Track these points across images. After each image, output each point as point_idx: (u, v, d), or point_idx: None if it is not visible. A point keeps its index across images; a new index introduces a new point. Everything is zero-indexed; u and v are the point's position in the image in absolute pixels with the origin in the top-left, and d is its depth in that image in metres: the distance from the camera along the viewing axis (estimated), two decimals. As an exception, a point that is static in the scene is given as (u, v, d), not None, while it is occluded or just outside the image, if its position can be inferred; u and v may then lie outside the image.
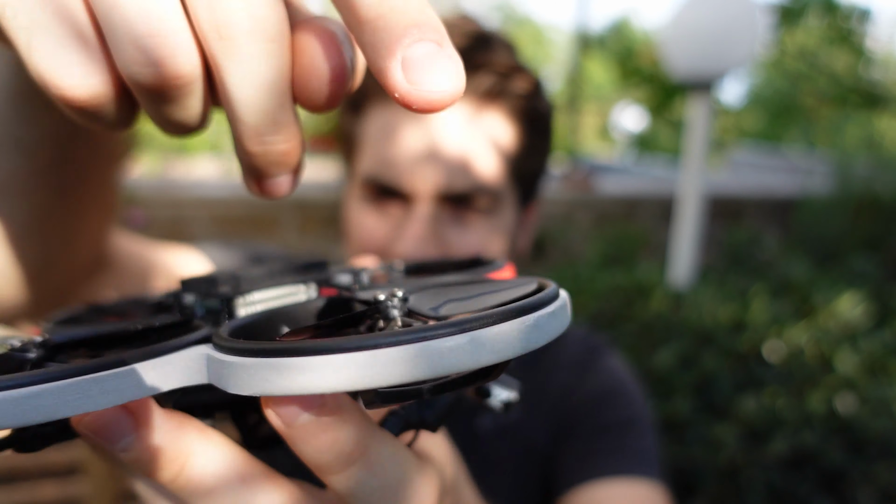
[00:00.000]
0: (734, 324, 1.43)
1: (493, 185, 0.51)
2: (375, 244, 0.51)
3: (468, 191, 0.49)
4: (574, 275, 1.75)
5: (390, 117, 0.50)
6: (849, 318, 1.44)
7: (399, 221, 0.51)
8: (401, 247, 0.49)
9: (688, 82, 1.64)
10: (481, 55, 0.48)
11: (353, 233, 0.54)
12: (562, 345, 0.65)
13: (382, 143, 0.50)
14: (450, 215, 0.51)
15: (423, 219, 0.49)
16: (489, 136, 0.50)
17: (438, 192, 0.49)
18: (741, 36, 1.53)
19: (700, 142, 1.68)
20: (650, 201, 2.94)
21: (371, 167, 0.51)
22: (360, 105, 0.53)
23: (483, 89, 0.48)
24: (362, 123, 0.52)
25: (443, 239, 0.50)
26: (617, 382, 0.61)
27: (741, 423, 1.24)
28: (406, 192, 0.50)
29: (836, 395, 1.28)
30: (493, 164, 0.51)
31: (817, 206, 2.85)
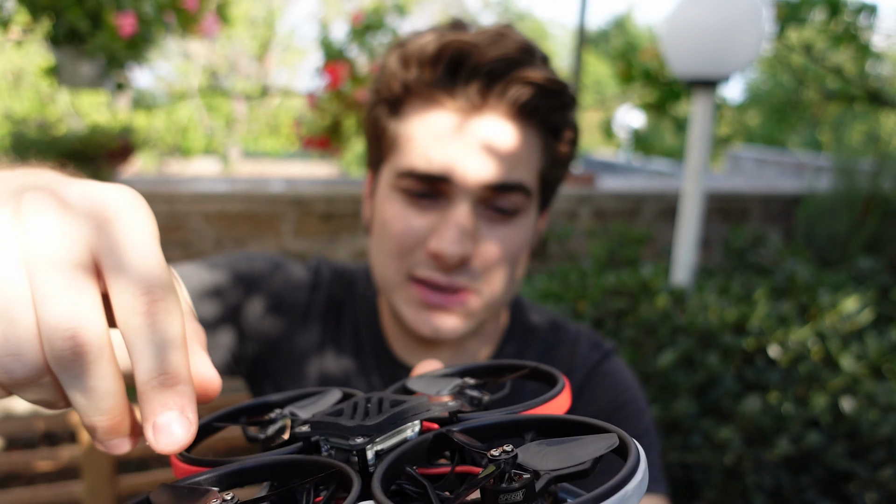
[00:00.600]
0: (738, 324, 1.42)
1: (530, 185, 0.55)
2: (412, 239, 0.54)
3: (510, 184, 0.53)
4: (579, 275, 1.73)
5: (435, 116, 0.53)
6: (854, 318, 1.42)
7: (437, 217, 0.54)
8: (439, 244, 0.52)
9: (691, 80, 1.62)
10: (525, 69, 0.51)
11: (390, 226, 0.55)
12: (576, 346, 0.67)
13: (429, 141, 0.53)
14: (486, 215, 0.54)
15: (465, 213, 0.52)
16: (527, 144, 0.54)
17: (483, 182, 0.52)
18: (746, 32, 1.51)
19: (703, 140, 1.66)
20: (653, 200, 2.93)
21: (414, 160, 0.53)
22: (399, 103, 0.55)
23: (522, 102, 0.52)
24: (401, 120, 0.55)
25: (476, 238, 0.54)
26: (628, 394, 0.64)
27: (745, 425, 1.23)
28: (451, 183, 0.52)
29: (841, 396, 1.26)
30: (529, 167, 0.55)
31: (822, 206, 2.83)
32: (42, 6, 1.82)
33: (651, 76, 3.19)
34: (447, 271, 0.54)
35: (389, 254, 0.56)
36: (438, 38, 0.52)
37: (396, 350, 0.65)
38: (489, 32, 0.52)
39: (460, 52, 0.51)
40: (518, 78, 0.51)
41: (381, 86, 0.56)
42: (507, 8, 21.47)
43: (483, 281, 0.56)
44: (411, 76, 0.53)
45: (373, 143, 0.59)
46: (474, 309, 0.56)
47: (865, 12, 2.88)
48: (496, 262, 0.55)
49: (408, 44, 0.54)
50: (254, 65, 8.31)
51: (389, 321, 0.65)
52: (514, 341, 0.68)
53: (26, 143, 1.95)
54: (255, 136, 7.67)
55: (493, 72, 0.51)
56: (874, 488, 1.21)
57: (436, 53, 0.52)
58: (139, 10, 1.94)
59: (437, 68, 0.52)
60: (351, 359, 0.67)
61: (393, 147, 0.56)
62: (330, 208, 2.45)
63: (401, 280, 0.56)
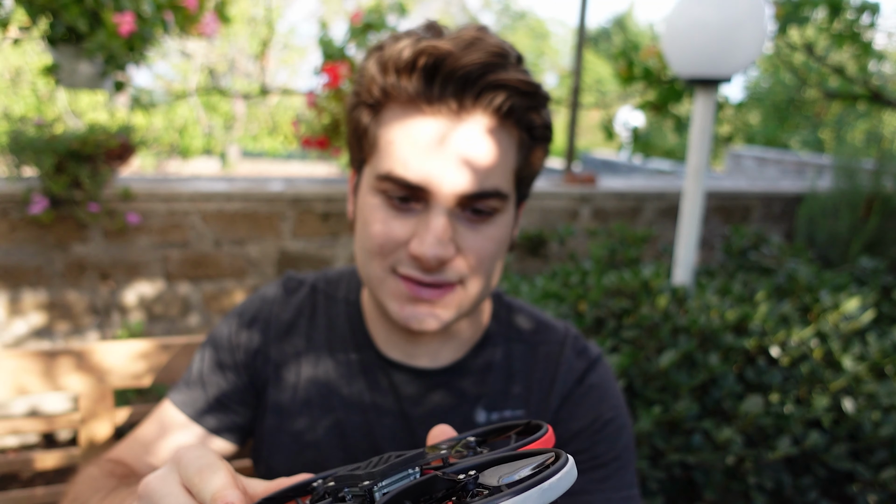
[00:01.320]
0: (739, 325, 1.41)
1: (505, 189, 0.57)
2: (393, 241, 0.56)
3: (485, 192, 0.55)
4: (579, 275, 1.73)
5: (414, 123, 0.54)
6: (855, 318, 1.41)
7: (416, 222, 0.56)
8: (420, 248, 0.55)
9: (691, 79, 1.61)
10: (499, 73, 0.53)
11: (371, 227, 0.57)
12: (561, 352, 0.69)
13: (407, 145, 0.54)
14: (464, 217, 0.57)
15: (442, 221, 0.54)
16: (503, 145, 0.56)
17: (459, 194, 0.54)
18: (747, 31, 1.50)
19: (703, 140, 1.65)
20: (654, 200, 2.92)
21: (394, 166, 0.55)
22: (379, 106, 0.56)
23: (497, 106, 0.54)
24: (381, 124, 0.56)
25: (457, 240, 0.56)
26: (611, 412, 0.67)
27: (746, 425, 1.22)
28: (429, 192, 0.54)
29: (843, 396, 1.26)
30: (505, 170, 0.57)
31: (823, 205, 2.82)
32: (39, 5, 1.81)
33: (652, 75, 3.18)
34: (429, 272, 0.57)
35: (371, 252, 0.58)
36: (413, 45, 0.53)
37: (381, 347, 0.67)
38: (463, 38, 0.53)
39: (435, 59, 0.52)
40: (492, 82, 0.53)
41: (360, 88, 0.58)
42: (507, 6, 21.45)
43: (466, 275, 0.58)
44: (389, 82, 0.55)
45: (354, 143, 0.61)
46: (458, 302, 0.59)
47: (867, 11, 2.86)
48: (477, 260, 0.58)
49: (385, 49, 0.56)
50: (253, 64, 8.30)
51: (374, 319, 0.68)
52: (497, 339, 0.70)
53: (24, 142, 1.94)
54: (254, 136, 7.66)
55: (467, 77, 0.53)
56: (876, 489, 1.20)
57: (411, 60, 0.53)
58: (138, 9, 1.93)
59: (413, 75, 0.54)
60: (331, 361, 0.68)
61: (374, 149, 0.57)
62: (329, 207, 2.44)
63: (385, 275, 0.59)
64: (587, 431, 0.65)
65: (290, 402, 0.68)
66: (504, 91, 0.54)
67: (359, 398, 0.67)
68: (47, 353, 0.88)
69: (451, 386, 0.67)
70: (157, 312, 2.33)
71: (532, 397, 0.67)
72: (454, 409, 0.66)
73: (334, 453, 0.66)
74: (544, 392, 0.67)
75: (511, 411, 0.67)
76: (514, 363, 0.69)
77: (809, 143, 7.55)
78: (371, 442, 0.66)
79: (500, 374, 0.68)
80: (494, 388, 0.67)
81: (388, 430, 0.66)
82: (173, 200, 2.24)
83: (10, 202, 2.05)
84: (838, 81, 3.61)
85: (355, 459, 0.66)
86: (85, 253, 2.18)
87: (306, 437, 0.67)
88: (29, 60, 5.05)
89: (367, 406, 0.66)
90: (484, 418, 0.66)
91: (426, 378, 0.66)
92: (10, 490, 2.02)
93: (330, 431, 0.66)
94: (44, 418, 0.93)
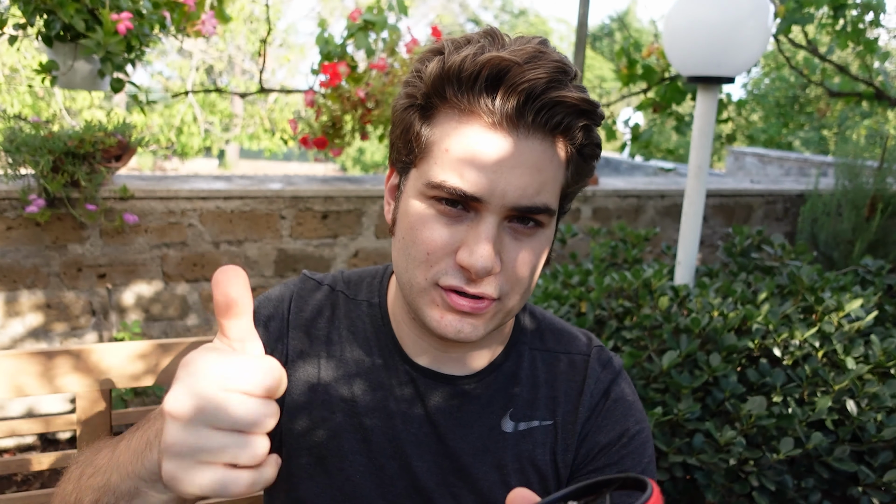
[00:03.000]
0: (741, 325, 1.40)
1: (553, 205, 0.57)
2: (441, 249, 0.56)
3: (537, 207, 0.56)
4: (581, 275, 1.72)
5: (471, 133, 0.54)
6: (859, 319, 1.40)
7: (465, 230, 0.56)
8: (469, 258, 0.55)
9: (693, 78, 1.60)
10: (561, 91, 0.53)
11: (418, 234, 0.58)
12: (587, 364, 0.70)
13: (464, 156, 0.54)
14: (510, 229, 0.57)
15: (493, 234, 0.55)
16: (555, 161, 0.57)
17: (511, 207, 0.55)
18: (749, 29, 1.49)
19: (705, 139, 1.64)
20: (656, 199, 2.91)
21: (448, 175, 0.55)
22: (431, 109, 0.56)
23: (556, 122, 0.54)
24: (436, 130, 0.56)
25: (502, 253, 0.56)
26: (637, 426, 0.67)
27: (749, 426, 1.21)
28: (481, 203, 0.55)
29: (846, 397, 1.25)
30: (555, 186, 0.57)
31: (826, 205, 2.81)
32: (36, 3, 1.80)
33: (653, 74, 3.17)
34: (474, 283, 0.57)
35: (417, 261, 0.58)
36: (479, 53, 0.53)
37: (409, 352, 0.67)
38: (527, 50, 0.53)
39: (500, 70, 0.52)
40: (554, 99, 0.53)
41: (415, 91, 0.57)
42: (507, 3, 21.41)
43: (506, 290, 0.58)
44: (450, 88, 0.55)
45: (403, 146, 0.60)
46: (497, 315, 0.59)
47: (871, 10, 2.85)
48: (520, 274, 0.58)
49: (446, 54, 0.55)
50: (251, 62, 8.28)
51: (402, 323, 0.67)
52: (520, 348, 0.70)
53: (20, 141, 1.93)
54: (253, 135, 7.64)
55: (530, 93, 0.52)
56: (880, 491, 1.19)
57: (477, 68, 0.53)
58: (135, 7, 1.92)
59: (476, 83, 0.53)
60: (353, 364, 0.68)
61: (425, 154, 0.57)
62: (328, 207, 2.43)
63: (427, 285, 0.58)
64: (615, 445, 0.66)
65: (307, 398, 0.67)
66: (564, 108, 0.54)
67: (383, 402, 0.66)
68: (45, 353, 0.87)
69: (478, 393, 0.67)
70: (155, 313, 2.32)
71: (559, 409, 0.68)
72: (481, 417, 0.66)
73: (356, 458, 0.66)
74: (572, 403, 0.68)
75: (539, 422, 0.67)
76: (539, 372, 0.69)
77: (812, 141, 7.54)
78: (396, 447, 0.66)
79: (525, 382, 0.68)
80: (521, 397, 0.68)
81: (413, 437, 0.66)
82: (171, 199, 2.23)
83: (7, 201, 2.03)
84: (841, 79, 3.60)
85: (378, 463, 0.66)
86: (82, 253, 2.17)
87: (326, 439, 0.66)
88: (25, 59, 5.03)
89: (392, 411, 0.66)
90: (511, 428, 0.67)
91: (453, 385, 0.66)
92: (7, 492, 2.01)
93: (352, 434, 0.66)
94: (41, 419, 0.92)
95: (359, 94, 2.32)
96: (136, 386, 0.92)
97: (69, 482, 0.55)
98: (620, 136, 3.71)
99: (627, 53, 3.17)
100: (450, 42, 0.57)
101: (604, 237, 2.07)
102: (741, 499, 1.23)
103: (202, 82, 8.44)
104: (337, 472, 0.66)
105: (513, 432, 0.66)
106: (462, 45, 0.55)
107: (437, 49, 0.57)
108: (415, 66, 0.59)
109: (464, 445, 0.65)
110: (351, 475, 0.66)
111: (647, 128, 3.63)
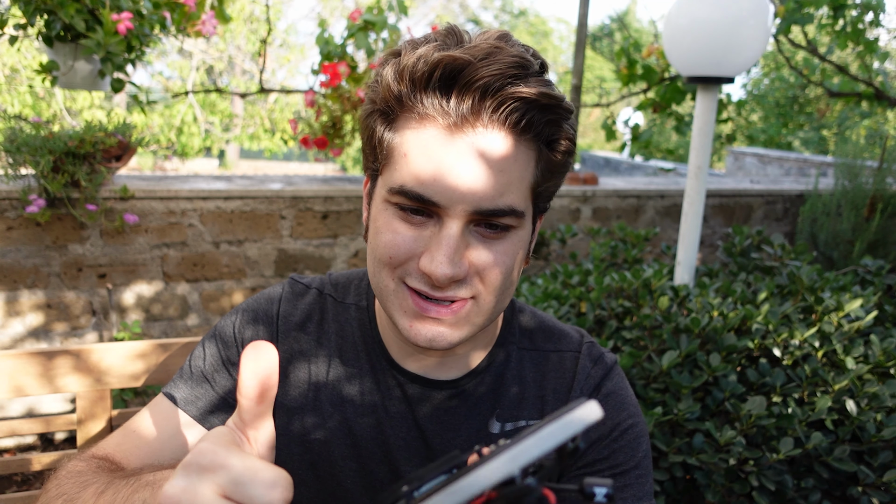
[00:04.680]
0: (741, 325, 1.40)
1: (521, 206, 0.55)
2: (403, 253, 0.55)
3: (500, 210, 0.53)
4: (580, 275, 1.72)
5: (428, 136, 0.53)
6: (859, 319, 1.40)
7: (428, 235, 0.54)
8: (430, 265, 0.53)
9: (692, 78, 1.60)
10: (518, 86, 0.50)
11: (382, 238, 0.56)
12: (577, 360, 0.69)
13: (421, 160, 0.53)
14: (477, 232, 0.55)
15: (454, 239, 0.53)
16: (520, 161, 0.53)
17: (472, 211, 0.53)
18: (750, 28, 1.49)
19: (705, 139, 1.64)
20: (656, 199, 2.91)
21: (407, 180, 0.53)
22: (394, 115, 0.55)
23: (515, 119, 0.51)
24: (396, 134, 0.55)
25: (470, 256, 0.54)
26: (630, 420, 0.66)
27: (749, 426, 1.21)
28: (442, 208, 0.53)
29: (846, 397, 1.25)
30: (522, 187, 0.54)
31: (826, 205, 2.81)
32: (37, 3, 1.80)
33: (653, 74, 3.17)
34: (440, 288, 0.55)
35: (382, 263, 0.57)
36: (431, 53, 0.51)
37: (394, 356, 0.67)
38: (483, 47, 0.51)
39: (453, 69, 0.50)
40: (510, 95, 0.51)
41: (375, 95, 0.56)
42: (507, 3, 21.41)
43: (477, 291, 0.56)
44: (405, 92, 0.53)
45: (370, 152, 0.59)
46: (469, 317, 0.57)
47: (871, 10, 2.85)
48: (491, 276, 0.56)
49: (402, 56, 0.54)
50: (251, 62, 8.28)
51: (387, 327, 0.67)
52: (508, 347, 0.69)
53: (20, 141, 1.93)
54: (253, 135, 7.64)
55: (485, 89, 0.50)
56: (880, 491, 1.19)
57: (429, 69, 0.51)
58: (136, 7, 1.92)
59: (429, 84, 0.52)
60: (342, 366, 0.68)
61: (388, 160, 0.56)
62: (328, 207, 2.43)
63: (394, 285, 0.57)
64: (606, 440, 0.65)
65: (298, 403, 0.67)
66: (522, 105, 0.51)
67: (371, 405, 0.66)
68: (45, 353, 0.87)
69: (465, 396, 0.66)
70: (155, 313, 2.32)
71: (547, 407, 0.67)
72: (468, 420, 0.66)
73: (347, 464, 0.66)
74: (560, 401, 0.67)
75: (526, 421, 0.67)
76: (526, 372, 0.68)
77: (812, 141, 7.54)
78: (385, 450, 0.66)
79: (512, 383, 0.67)
80: (507, 398, 0.67)
81: (402, 441, 0.66)
82: (171, 200, 2.23)
83: (7, 201, 2.03)
84: (841, 80, 3.59)
85: (368, 468, 0.66)
86: (82, 253, 2.17)
87: (315, 440, 0.66)
88: (25, 59, 5.03)
89: (380, 414, 0.66)
90: (498, 429, 0.66)
91: (440, 389, 0.66)
92: (7, 492, 2.01)
93: (342, 440, 0.66)
94: (41, 419, 0.92)
95: (359, 95, 2.32)
96: (136, 386, 0.92)
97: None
98: (620, 136, 3.70)
99: (627, 53, 3.17)
100: (408, 43, 0.55)
101: (604, 237, 2.07)
102: (741, 499, 1.23)
103: (202, 82, 8.44)
104: (328, 478, 0.66)
105: (499, 433, 0.66)
106: (419, 44, 0.53)
107: (396, 51, 0.55)
108: (375, 70, 0.58)
109: (451, 448, 0.65)
110: (342, 481, 0.66)
111: (647, 128, 3.63)
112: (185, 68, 8.61)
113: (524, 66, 0.51)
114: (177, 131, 7.38)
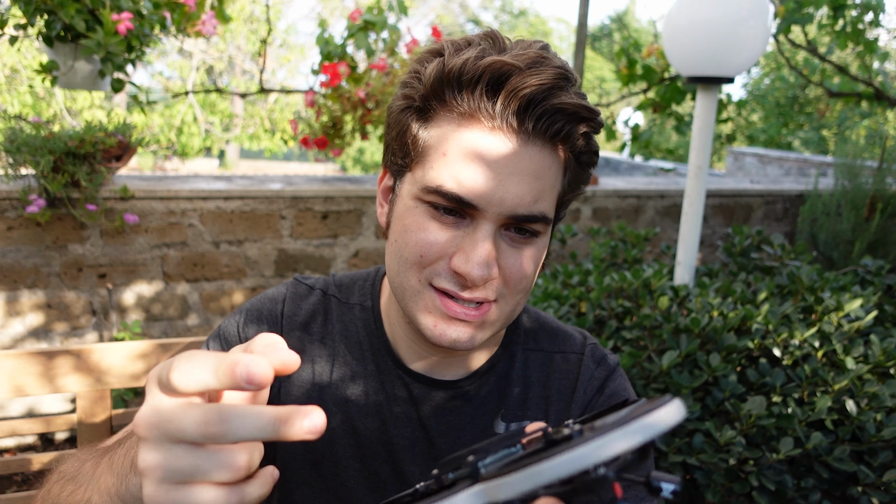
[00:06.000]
0: (741, 325, 1.40)
1: (550, 213, 0.56)
2: (435, 252, 0.55)
3: (534, 216, 0.55)
4: (580, 275, 1.72)
5: (470, 138, 0.53)
6: (858, 319, 1.40)
7: (461, 236, 0.55)
8: (465, 266, 0.54)
9: (692, 78, 1.60)
10: (562, 98, 0.52)
11: (412, 236, 0.56)
12: (580, 361, 0.69)
13: (462, 162, 0.53)
14: (507, 236, 0.56)
15: (490, 241, 0.54)
16: (553, 169, 0.56)
17: (507, 215, 0.54)
18: (750, 28, 1.49)
19: (705, 139, 1.64)
20: (656, 199, 2.91)
21: (446, 180, 0.54)
22: (429, 112, 0.55)
23: (556, 129, 0.52)
24: (433, 134, 0.55)
25: (498, 259, 0.56)
26: None
27: (748, 426, 1.22)
28: (478, 210, 0.54)
29: (846, 397, 1.25)
30: (553, 194, 0.56)
31: (826, 205, 2.81)
32: (37, 3, 1.80)
33: (653, 74, 3.17)
34: (468, 289, 0.56)
35: (409, 262, 0.57)
36: (480, 56, 0.52)
37: (402, 356, 0.67)
38: (529, 55, 0.52)
39: (501, 74, 0.51)
40: (555, 105, 0.52)
41: (413, 92, 0.56)
42: (505, 6, 21.41)
43: (502, 296, 0.57)
44: (450, 91, 0.53)
45: (398, 148, 0.59)
46: (492, 322, 0.58)
47: (871, 10, 2.85)
48: (517, 280, 0.57)
49: (446, 56, 0.54)
50: (251, 62, 8.28)
51: (396, 327, 0.67)
52: (514, 348, 0.70)
53: (20, 141, 1.93)
54: (253, 136, 7.64)
55: (533, 97, 0.51)
56: (880, 490, 1.19)
57: (478, 72, 0.52)
58: (136, 7, 1.92)
59: (477, 87, 0.52)
60: (346, 367, 0.68)
61: (422, 158, 0.56)
62: (328, 207, 2.43)
63: (420, 287, 0.57)
64: None
65: (301, 403, 0.67)
66: (565, 115, 0.52)
67: (375, 405, 0.66)
68: (45, 353, 0.87)
69: (470, 397, 0.67)
70: (156, 313, 2.32)
71: (552, 407, 0.67)
72: (473, 420, 0.66)
73: (350, 463, 0.66)
74: (564, 402, 0.68)
75: (530, 422, 0.67)
76: (531, 373, 0.69)
77: (812, 141, 7.54)
78: (388, 450, 0.66)
79: (518, 383, 0.68)
80: (513, 398, 0.67)
81: (406, 441, 0.66)
82: (171, 200, 2.23)
83: (7, 201, 2.04)
84: (841, 80, 3.59)
85: (372, 468, 0.66)
86: (82, 253, 2.17)
87: (321, 445, 0.66)
88: (25, 59, 5.03)
89: (384, 414, 0.66)
90: (503, 429, 0.66)
91: (446, 389, 0.66)
92: (7, 492, 2.01)
93: (346, 439, 0.66)
94: (42, 419, 0.92)
95: (359, 95, 2.32)
96: (136, 386, 0.92)
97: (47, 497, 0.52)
98: (620, 136, 3.70)
99: (627, 54, 3.17)
100: (450, 44, 0.55)
101: (604, 237, 2.07)
102: (741, 499, 1.23)
103: (202, 82, 8.44)
104: (331, 478, 0.66)
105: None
106: (462, 47, 0.54)
107: (437, 50, 0.56)
108: (413, 68, 0.58)
109: (455, 449, 0.65)
110: (345, 480, 0.66)
111: (647, 128, 3.63)
112: (185, 68, 8.61)
113: (567, 79, 0.53)
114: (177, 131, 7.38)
